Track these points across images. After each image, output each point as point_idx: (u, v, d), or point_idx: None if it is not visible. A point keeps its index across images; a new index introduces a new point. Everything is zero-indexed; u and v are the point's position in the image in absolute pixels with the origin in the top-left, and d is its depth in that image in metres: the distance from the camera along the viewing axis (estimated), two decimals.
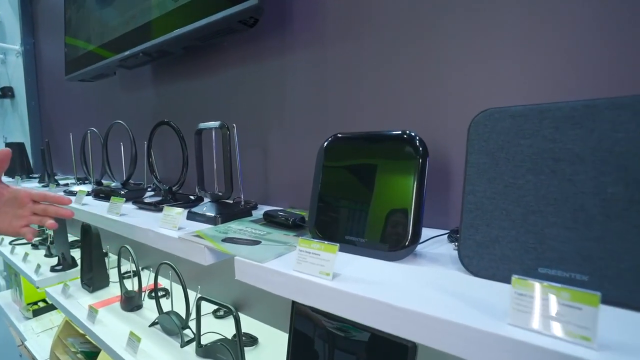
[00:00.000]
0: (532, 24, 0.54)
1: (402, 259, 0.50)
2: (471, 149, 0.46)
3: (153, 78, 1.30)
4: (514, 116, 0.43)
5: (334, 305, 0.42)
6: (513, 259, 0.41)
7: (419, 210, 0.49)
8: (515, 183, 0.42)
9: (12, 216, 0.62)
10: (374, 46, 0.72)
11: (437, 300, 0.38)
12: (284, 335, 0.94)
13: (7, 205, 0.61)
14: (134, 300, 1.11)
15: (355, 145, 0.58)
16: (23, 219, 0.62)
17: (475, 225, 0.44)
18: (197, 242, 0.60)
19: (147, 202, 0.92)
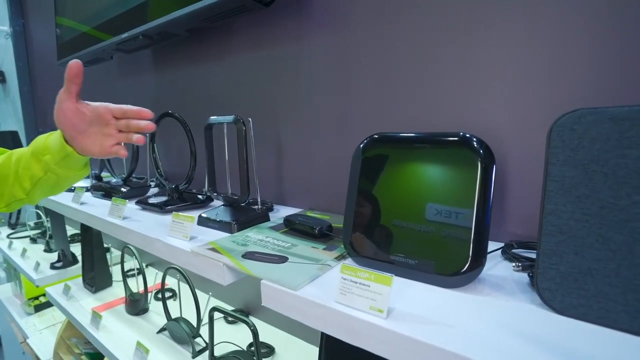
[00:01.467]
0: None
1: (463, 285, 0.42)
2: (553, 159, 0.38)
3: (154, 63, 1.20)
4: (614, 119, 0.35)
5: (391, 350, 0.35)
6: (613, 297, 0.34)
7: (485, 228, 0.42)
8: (616, 204, 0.34)
9: (101, 136, 0.55)
10: (410, 28, 0.62)
11: (525, 351, 0.30)
12: (301, 344, 0.88)
13: (93, 125, 0.54)
14: (139, 304, 1.05)
15: (402, 147, 0.49)
16: (112, 138, 0.55)
17: (559, 253, 0.37)
18: (215, 258, 0.53)
19: (152, 203, 0.83)
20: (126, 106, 0.55)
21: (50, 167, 0.54)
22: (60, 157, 0.54)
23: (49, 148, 0.54)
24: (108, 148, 0.55)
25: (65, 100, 0.51)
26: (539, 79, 0.51)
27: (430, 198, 0.45)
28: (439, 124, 0.61)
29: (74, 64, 0.50)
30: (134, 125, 0.55)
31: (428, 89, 0.62)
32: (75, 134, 0.53)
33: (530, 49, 0.52)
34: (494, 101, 0.55)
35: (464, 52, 0.57)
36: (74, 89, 0.51)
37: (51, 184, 0.57)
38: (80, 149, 0.54)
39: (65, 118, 0.52)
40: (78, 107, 0.52)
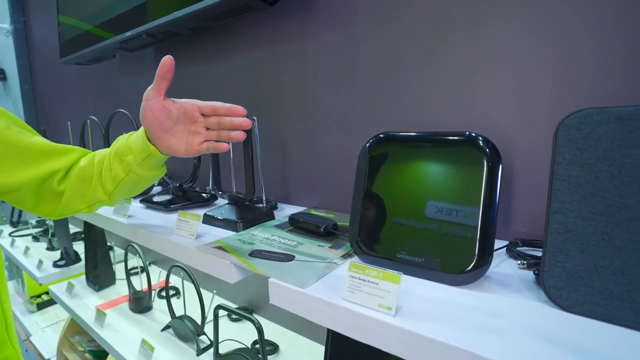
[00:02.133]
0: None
1: (470, 283, 0.43)
2: (560, 158, 0.38)
3: (157, 61, 1.19)
4: (621, 119, 0.35)
5: (400, 347, 0.35)
6: (619, 294, 0.34)
7: (491, 226, 0.42)
8: (622, 203, 0.35)
9: (188, 134, 0.53)
10: (417, 28, 0.63)
11: (533, 348, 0.31)
12: (305, 341, 0.89)
13: (179, 123, 0.52)
14: (143, 302, 1.05)
15: (408, 147, 0.50)
16: (199, 136, 0.53)
17: (566, 251, 0.37)
18: (222, 257, 0.53)
19: (157, 202, 0.84)
20: (216, 103, 0.52)
21: (132, 168, 0.53)
22: (142, 157, 0.52)
23: (131, 148, 0.53)
24: (196, 146, 0.52)
25: (154, 98, 0.49)
26: (544, 78, 0.52)
27: (436, 197, 0.46)
28: (445, 123, 0.61)
29: (167, 60, 0.48)
30: (227, 123, 0.51)
31: (433, 88, 0.62)
32: (161, 133, 0.51)
33: (535, 48, 0.52)
34: (500, 101, 0.56)
35: (470, 51, 0.58)
36: (164, 86, 0.49)
37: (131, 185, 0.55)
38: (165, 148, 0.52)
39: (153, 116, 0.50)
40: (165, 104, 0.50)
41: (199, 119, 0.52)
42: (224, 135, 0.52)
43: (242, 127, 0.51)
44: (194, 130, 0.52)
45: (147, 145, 0.51)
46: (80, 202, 0.57)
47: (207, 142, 0.53)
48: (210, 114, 0.52)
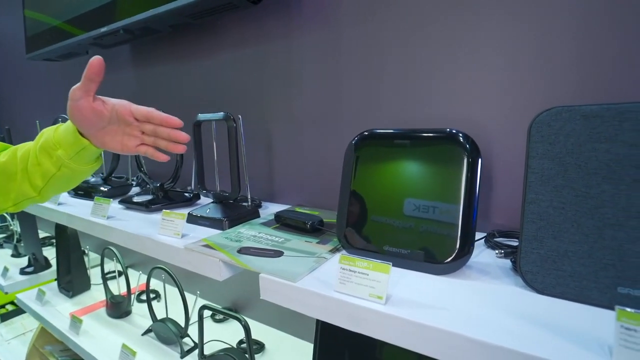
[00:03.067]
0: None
1: (454, 272, 0.45)
2: (533, 152, 0.41)
3: (133, 59, 1.17)
4: (586, 117, 0.38)
5: (391, 333, 0.37)
6: (586, 276, 0.37)
7: (472, 218, 0.45)
8: (588, 193, 0.38)
9: (122, 134, 0.51)
10: (398, 28, 0.65)
11: (513, 328, 0.33)
12: (291, 339, 0.90)
13: (112, 123, 0.50)
14: (122, 306, 1.02)
15: (394, 143, 0.52)
16: (135, 139, 0.51)
17: (540, 238, 0.40)
18: (211, 254, 0.53)
19: (137, 202, 0.82)
20: (151, 110, 0.50)
21: (64, 162, 0.50)
22: (75, 151, 0.49)
23: (60, 142, 0.49)
24: (132, 148, 0.51)
25: (81, 98, 0.46)
26: (519, 78, 0.55)
27: (420, 191, 0.48)
28: (427, 120, 0.64)
29: (96, 61, 0.45)
30: (164, 133, 0.50)
31: (416, 86, 0.65)
32: (93, 131, 0.49)
33: (511, 51, 0.55)
34: (478, 100, 0.59)
35: (451, 51, 0.60)
36: (93, 87, 0.46)
37: (65, 179, 0.53)
38: (99, 144, 0.50)
39: (82, 116, 0.47)
40: (95, 105, 0.47)
41: (133, 122, 0.51)
42: (161, 145, 0.51)
43: (180, 140, 0.50)
44: (129, 133, 0.51)
45: (79, 139, 0.49)
46: (4, 200, 0.53)
47: (144, 145, 0.51)
48: (143, 120, 0.51)
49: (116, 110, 0.49)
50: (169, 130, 0.50)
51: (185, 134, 0.50)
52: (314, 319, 0.68)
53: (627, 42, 0.47)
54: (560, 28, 0.51)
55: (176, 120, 0.50)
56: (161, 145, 0.51)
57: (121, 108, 0.50)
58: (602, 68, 0.49)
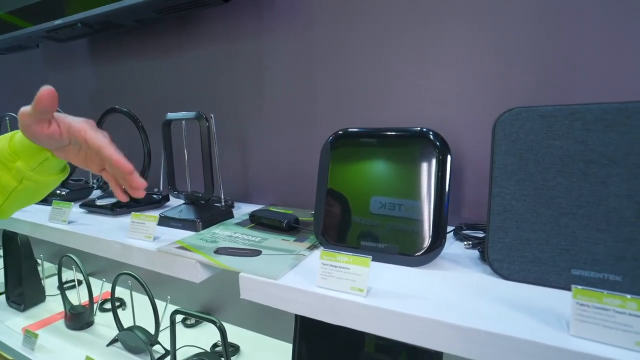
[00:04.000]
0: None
1: (427, 263, 0.47)
2: (497, 149, 0.45)
3: (92, 54, 1.10)
4: (543, 116, 0.42)
5: (373, 324, 0.38)
6: (545, 261, 0.41)
7: (443, 211, 0.47)
8: (545, 185, 0.42)
9: (85, 156, 0.45)
10: (370, 29, 0.67)
11: (484, 311, 0.36)
12: (267, 340, 0.89)
13: (73, 143, 0.44)
14: (83, 317, 0.96)
15: (368, 141, 0.53)
16: (97, 164, 0.45)
17: (505, 228, 0.44)
18: (187, 256, 0.52)
19: (101, 205, 0.78)
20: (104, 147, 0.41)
21: (26, 175, 0.44)
22: (37, 162, 0.44)
23: (18, 152, 0.44)
24: (96, 170, 0.46)
25: (34, 124, 0.41)
26: (483, 80, 0.59)
27: (394, 188, 0.50)
28: (399, 120, 0.67)
29: (45, 93, 0.38)
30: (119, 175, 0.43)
31: (389, 87, 0.67)
32: (53, 149, 0.44)
33: (476, 55, 0.59)
34: (446, 100, 0.62)
35: (420, 54, 0.63)
36: (44, 117, 0.41)
37: (29, 193, 0.47)
38: (61, 157, 0.46)
39: (35, 139, 0.42)
40: (50, 131, 0.41)
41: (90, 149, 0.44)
42: (120, 182, 0.45)
43: (134, 186, 0.43)
44: (90, 156, 0.45)
45: (40, 150, 0.43)
46: None
47: (106, 172, 0.45)
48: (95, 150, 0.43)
49: (71, 133, 0.43)
50: (123, 174, 0.43)
51: (141, 181, 0.43)
52: (290, 318, 0.68)
53: (576, 48, 0.53)
54: (518, 36, 0.56)
55: (126, 166, 0.41)
56: (120, 183, 0.45)
57: (76, 133, 0.42)
58: (556, 71, 0.54)
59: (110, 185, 0.46)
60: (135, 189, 0.43)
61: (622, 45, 0.50)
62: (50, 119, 0.41)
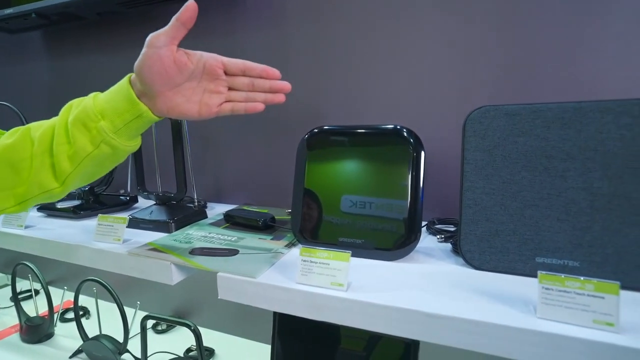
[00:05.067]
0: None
1: (404, 257, 0.49)
2: (468, 145, 0.47)
3: (48, 47, 1.03)
4: (509, 114, 0.45)
5: (354, 318, 0.39)
6: (513, 250, 0.44)
7: (419, 207, 0.49)
8: (512, 179, 0.44)
9: (203, 92, 0.43)
10: (344, 29, 0.68)
11: (458, 300, 0.38)
12: (243, 342, 0.88)
13: (192, 79, 0.43)
14: (41, 329, 0.90)
15: (344, 139, 0.54)
16: (219, 95, 0.44)
17: (475, 221, 0.46)
18: (160, 258, 0.50)
19: (62, 208, 0.73)
20: (247, 62, 0.44)
21: (107, 137, 0.41)
22: (126, 120, 0.41)
23: (104, 111, 0.41)
24: (214, 108, 0.44)
25: (165, 46, 0.39)
26: (455, 79, 0.62)
27: (369, 184, 0.51)
28: (374, 117, 0.68)
29: (192, 5, 0.40)
30: (265, 85, 0.44)
31: (363, 85, 0.68)
32: (165, 89, 0.41)
33: (447, 55, 0.62)
34: (418, 99, 0.64)
35: (394, 54, 0.65)
36: (181, 34, 0.40)
37: (100, 161, 0.43)
38: (165, 108, 0.42)
39: (162, 67, 0.40)
40: (178, 56, 0.41)
41: (221, 76, 0.44)
42: (259, 98, 0.45)
43: (284, 90, 0.45)
44: (213, 89, 0.44)
45: (135, 103, 0.41)
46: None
47: (229, 102, 0.45)
48: (238, 73, 0.44)
49: (203, 62, 0.43)
50: (270, 82, 0.45)
51: (288, 84, 0.45)
52: (267, 319, 0.68)
53: (540, 51, 0.56)
54: (486, 38, 0.59)
55: (277, 72, 0.45)
56: (258, 99, 0.45)
57: (210, 59, 0.43)
58: (520, 71, 0.58)
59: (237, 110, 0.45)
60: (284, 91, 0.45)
61: (578, 47, 0.55)
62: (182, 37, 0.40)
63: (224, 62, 0.44)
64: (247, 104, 0.45)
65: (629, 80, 0.53)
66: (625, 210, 0.39)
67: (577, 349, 0.31)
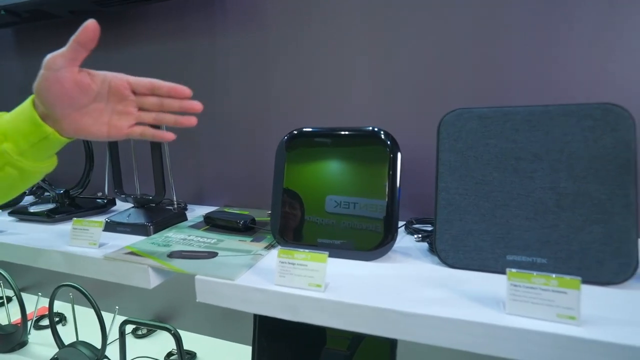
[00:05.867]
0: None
1: (381, 257, 0.50)
2: (442, 147, 0.48)
3: (18, 45, 0.99)
4: (481, 117, 0.46)
5: (331, 318, 0.40)
6: (485, 249, 0.45)
7: (395, 207, 0.50)
8: (483, 180, 0.46)
9: (112, 114, 0.41)
10: (324, 31, 0.69)
11: (433, 298, 0.39)
12: (224, 344, 0.87)
13: (99, 100, 0.41)
14: (14, 337, 0.87)
15: (322, 141, 0.54)
16: (128, 117, 0.42)
17: (450, 220, 0.47)
18: (137, 262, 0.49)
19: (35, 212, 0.71)
20: (154, 80, 0.42)
21: (11, 159, 0.39)
22: (31, 142, 0.39)
23: (7, 133, 0.39)
24: (124, 129, 0.42)
25: (65, 68, 0.37)
26: (430, 83, 0.63)
27: (347, 185, 0.52)
28: (353, 119, 0.69)
29: (92, 25, 0.37)
30: (174, 105, 0.42)
31: (340, 87, 0.69)
32: (70, 111, 0.39)
33: (422, 60, 0.63)
34: (395, 102, 0.66)
35: (372, 57, 0.66)
36: (81, 56, 0.38)
37: (9, 183, 0.41)
38: (72, 129, 0.40)
39: (61, 90, 0.38)
40: (80, 77, 0.39)
41: (129, 97, 0.42)
42: (167, 120, 0.44)
43: (194, 110, 0.43)
44: (121, 110, 0.42)
45: (39, 126, 0.39)
46: None
47: (139, 125, 0.44)
48: (146, 92, 0.43)
49: (109, 83, 0.41)
50: (179, 101, 0.43)
51: (199, 103, 0.43)
52: (249, 320, 0.68)
53: (510, 56, 0.58)
54: (458, 44, 0.60)
55: (187, 90, 0.43)
56: (167, 121, 0.44)
57: (115, 80, 0.41)
58: (492, 76, 0.60)
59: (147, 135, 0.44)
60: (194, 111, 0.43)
61: (546, 54, 0.57)
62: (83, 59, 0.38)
63: (130, 81, 0.43)
64: (155, 131, 0.44)
65: (593, 84, 0.55)
66: (588, 209, 0.41)
67: (542, 343, 0.33)
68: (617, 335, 0.31)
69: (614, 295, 0.38)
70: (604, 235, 0.40)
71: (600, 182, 0.41)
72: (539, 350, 0.33)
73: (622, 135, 0.41)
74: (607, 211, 0.41)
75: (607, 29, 0.54)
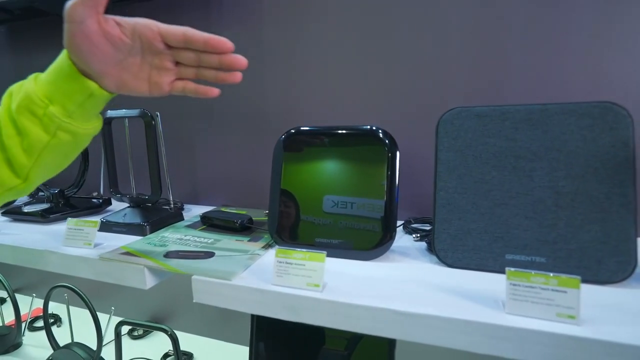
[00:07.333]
0: None
1: (379, 256, 0.49)
2: (441, 146, 0.48)
3: (11, 44, 0.98)
4: (479, 116, 0.46)
5: (329, 318, 0.39)
6: (484, 248, 0.45)
7: (394, 206, 0.50)
8: (482, 179, 0.46)
9: (150, 69, 0.37)
10: (321, 29, 0.68)
11: (432, 298, 0.39)
12: (221, 344, 0.87)
13: (134, 54, 0.36)
14: (8, 339, 0.86)
15: (320, 140, 0.54)
16: (167, 72, 0.38)
17: (449, 220, 0.47)
18: (133, 262, 0.49)
19: (29, 212, 0.70)
20: (187, 29, 0.37)
21: (62, 123, 0.35)
22: (77, 102, 0.36)
23: (51, 94, 0.35)
24: (165, 86, 0.39)
25: (87, 19, 0.32)
26: (429, 82, 0.63)
27: (345, 184, 0.51)
28: (348, 118, 0.68)
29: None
30: (212, 61, 0.37)
31: (337, 87, 0.69)
32: (107, 67, 0.35)
33: (419, 60, 0.63)
34: (396, 100, 0.65)
35: (369, 56, 0.66)
36: (102, 1, 0.33)
37: (63, 149, 0.38)
38: (116, 85, 0.37)
39: (92, 46, 0.33)
40: (108, 28, 0.34)
41: (162, 50, 0.37)
42: (208, 76, 0.39)
43: (237, 66, 0.38)
44: (158, 65, 0.38)
45: (83, 82, 0.35)
46: None
47: (181, 80, 0.39)
48: (179, 45, 0.37)
49: (137, 33, 0.36)
50: (219, 56, 0.38)
51: (243, 58, 0.38)
52: (246, 320, 0.67)
53: (508, 54, 0.58)
54: (456, 43, 0.60)
55: (226, 43, 0.37)
56: (208, 77, 0.39)
57: (144, 29, 0.36)
58: (491, 74, 0.59)
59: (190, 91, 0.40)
60: (237, 66, 0.38)
61: (544, 52, 0.57)
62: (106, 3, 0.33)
63: (161, 31, 0.37)
64: (198, 86, 0.40)
65: (591, 83, 0.55)
66: (587, 207, 0.41)
67: (542, 342, 0.33)
68: (617, 334, 0.31)
69: (613, 294, 0.38)
70: (602, 234, 0.40)
71: (598, 180, 0.41)
72: (539, 350, 0.33)
73: (620, 134, 0.41)
74: (605, 210, 0.41)
75: (606, 27, 0.54)
